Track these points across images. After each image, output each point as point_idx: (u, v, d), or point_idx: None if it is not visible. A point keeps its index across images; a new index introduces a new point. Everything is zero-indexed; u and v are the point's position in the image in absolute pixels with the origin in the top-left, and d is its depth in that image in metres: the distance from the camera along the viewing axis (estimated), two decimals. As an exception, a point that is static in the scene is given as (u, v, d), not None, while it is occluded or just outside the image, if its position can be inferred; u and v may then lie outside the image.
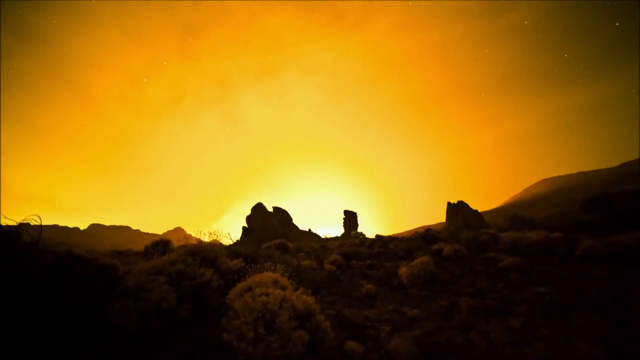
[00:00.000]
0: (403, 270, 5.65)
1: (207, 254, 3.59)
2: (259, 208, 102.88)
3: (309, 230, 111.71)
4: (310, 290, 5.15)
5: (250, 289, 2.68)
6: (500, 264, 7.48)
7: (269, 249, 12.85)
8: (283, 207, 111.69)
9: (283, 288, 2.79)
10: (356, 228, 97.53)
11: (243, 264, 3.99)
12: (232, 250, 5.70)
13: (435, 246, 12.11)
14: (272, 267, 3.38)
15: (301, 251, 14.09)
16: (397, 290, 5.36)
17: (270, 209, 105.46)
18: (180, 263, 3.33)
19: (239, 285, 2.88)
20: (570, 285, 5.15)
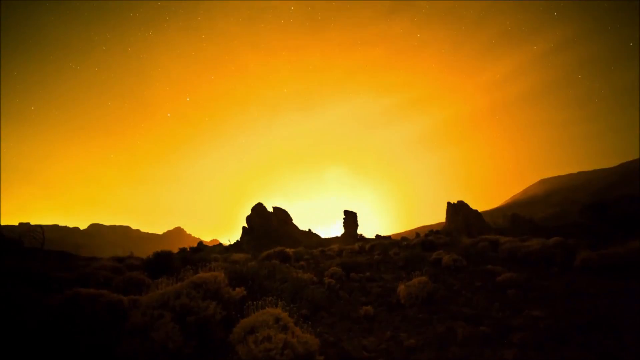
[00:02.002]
0: (401, 289, 5.75)
1: (209, 285, 3.69)
2: (258, 208, 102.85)
3: (309, 230, 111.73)
4: (309, 313, 5.25)
5: (253, 331, 2.78)
6: (497, 278, 7.58)
7: (269, 259, 12.95)
8: (283, 207, 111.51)
9: (284, 328, 2.89)
10: (356, 228, 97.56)
11: (245, 292, 4.09)
12: (233, 269, 5.80)
13: (435, 255, 12.22)
14: (274, 301, 3.48)
15: (301, 259, 14.21)
16: (395, 310, 5.46)
17: (270, 209, 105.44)
18: (185, 296, 3.43)
19: (242, 323, 2.98)
20: (565, 306, 5.25)
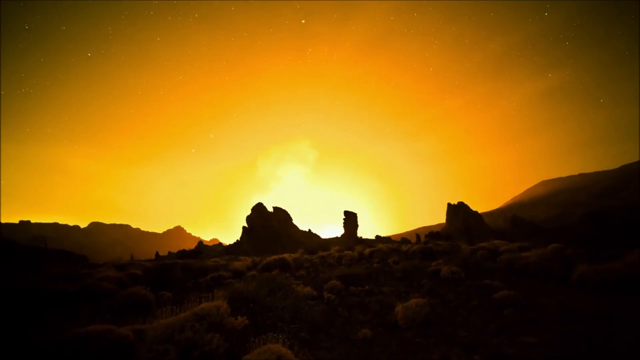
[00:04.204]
0: (399, 310, 5.86)
1: (213, 317, 3.80)
2: (259, 208, 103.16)
3: (309, 230, 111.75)
4: (309, 335, 5.36)
5: (255, 372, 2.90)
6: (495, 295, 7.67)
7: (269, 269, 13.08)
8: (283, 207, 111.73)
9: (285, 367, 3.00)
10: (356, 229, 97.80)
11: (247, 321, 4.20)
12: (235, 291, 5.90)
13: (433, 265, 12.34)
14: (275, 337, 3.59)
15: (301, 267, 14.35)
16: (393, 332, 5.57)
17: (270, 209, 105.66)
18: (189, 330, 3.55)
19: (244, 360, 3.10)
20: (560, 331, 5.35)
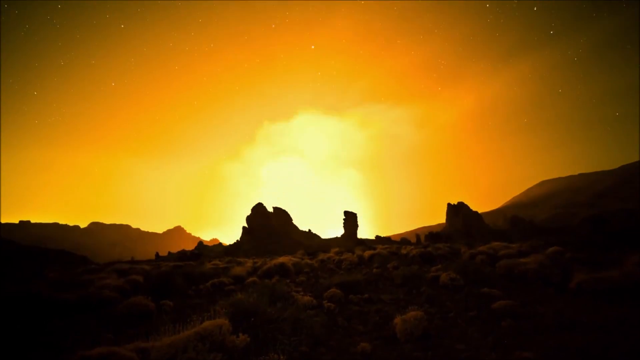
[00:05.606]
0: (398, 323, 5.91)
1: (215, 337, 3.86)
2: (259, 208, 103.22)
3: (309, 230, 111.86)
4: (309, 349, 5.42)
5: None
6: (493, 304, 7.73)
7: (269, 275, 13.14)
8: (283, 207, 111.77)
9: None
10: (356, 229, 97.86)
11: (248, 339, 4.26)
12: (236, 304, 5.96)
13: (433, 271, 12.42)
14: (276, 357, 3.65)
15: (301, 272, 14.43)
16: (391, 344, 5.63)
17: (270, 209, 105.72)
18: (192, 350, 3.61)
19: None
20: (557, 343, 5.41)
